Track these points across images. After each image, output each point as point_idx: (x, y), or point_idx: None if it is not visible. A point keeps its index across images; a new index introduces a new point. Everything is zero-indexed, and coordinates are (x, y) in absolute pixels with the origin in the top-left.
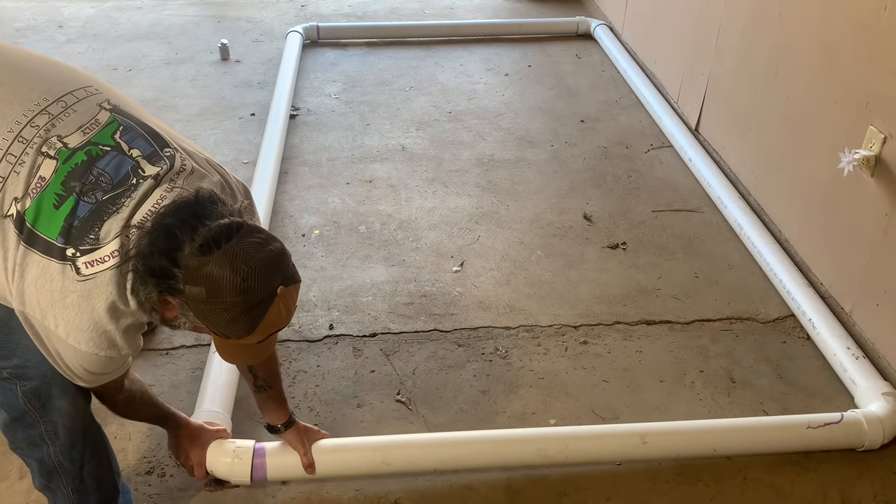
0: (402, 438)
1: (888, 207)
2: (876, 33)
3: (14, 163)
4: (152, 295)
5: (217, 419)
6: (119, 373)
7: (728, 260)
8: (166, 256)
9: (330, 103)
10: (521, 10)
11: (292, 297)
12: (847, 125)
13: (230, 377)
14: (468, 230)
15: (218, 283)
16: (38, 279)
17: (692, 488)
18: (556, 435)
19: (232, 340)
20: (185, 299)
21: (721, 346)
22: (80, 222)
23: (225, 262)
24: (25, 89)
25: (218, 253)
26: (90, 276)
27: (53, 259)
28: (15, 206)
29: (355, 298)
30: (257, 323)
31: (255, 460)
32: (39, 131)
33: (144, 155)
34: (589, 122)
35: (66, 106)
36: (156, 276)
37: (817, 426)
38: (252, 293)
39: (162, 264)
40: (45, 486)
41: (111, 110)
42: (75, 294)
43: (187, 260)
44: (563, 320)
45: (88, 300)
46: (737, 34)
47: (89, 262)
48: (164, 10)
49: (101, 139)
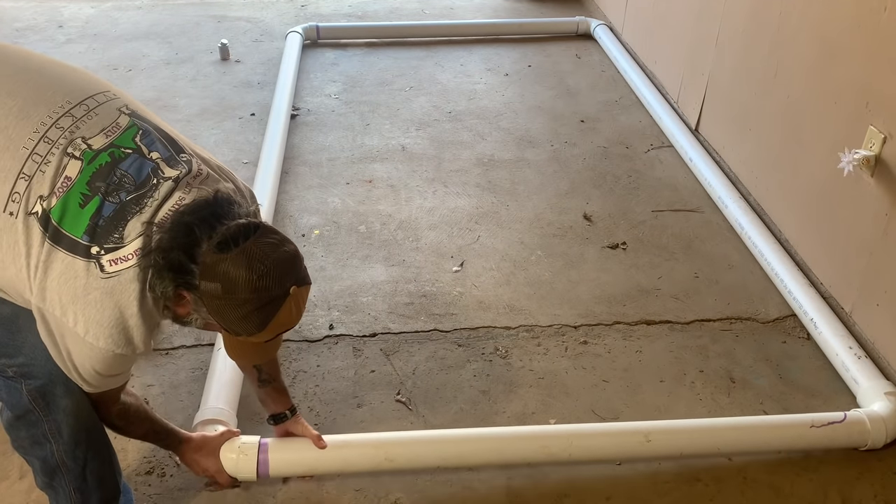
0: (405, 435)
1: (888, 207)
2: (876, 33)
3: (40, 162)
4: (168, 289)
5: (223, 416)
6: (123, 378)
7: (728, 260)
8: (185, 252)
9: (330, 103)
10: (521, 10)
11: (303, 297)
12: (847, 125)
13: (234, 375)
14: (468, 230)
15: (233, 279)
16: (62, 276)
17: (692, 488)
18: (559, 432)
19: (242, 338)
20: (200, 295)
21: (721, 346)
22: (105, 221)
23: (241, 260)
24: (49, 92)
25: (235, 251)
26: (114, 274)
27: (78, 257)
28: (40, 203)
29: (355, 298)
30: (268, 321)
31: (260, 456)
32: (64, 132)
33: (163, 158)
34: (589, 122)
35: (89, 109)
36: (173, 270)
37: (821, 425)
38: (266, 291)
39: (180, 259)
40: (47, 484)
41: (130, 115)
42: (98, 291)
43: (205, 256)
44: (563, 320)
45: (111, 297)
46: (737, 34)
47: (113, 260)
48: (164, 10)
49: (123, 142)
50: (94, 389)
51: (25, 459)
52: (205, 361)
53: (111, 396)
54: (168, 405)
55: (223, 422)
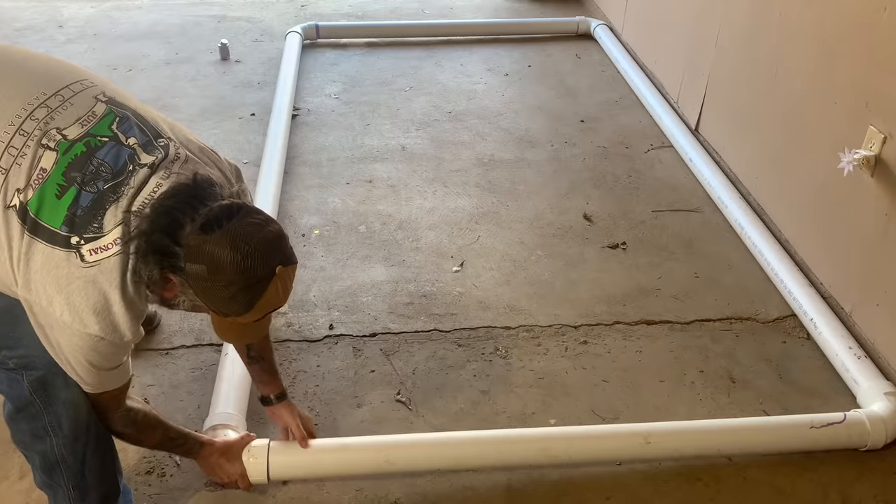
0: (405, 438)
1: (888, 207)
2: (876, 33)
3: (16, 155)
4: (154, 273)
5: (232, 421)
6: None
7: (728, 260)
8: (168, 235)
9: (330, 103)
10: (521, 10)
11: (290, 277)
12: (847, 125)
13: (242, 380)
14: (468, 230)
15: (219, 261)
16: (43, 267)
17: (692, 488)
18: (559, 435)
19: (230, 318)
20: (186, 277)
21: (721, 346)
22: (84, 211)
23: (226, 241)
24: (24, 85)
25: (219, 232)
26: (94, 263)
27: (58, 247)
28: (18, 196)
29: (355, 298)
30: (255, 301)
31: (270, 458)
32: (39, 124)
33: (140, 144)
34: (589, 122)
35: (64, 99)
36: (158, 253)
37: (820, 426)
38: (252, 272)
39: (164, 242)
40: (46, 482)
41: (107, 102)
42: (81, 280)
43: (188, 238)
44: (563, 320)
45: (94, 285)
46: (737, 34)
47: (93, 250)
48: (164, 10)
49: (99, 130)
50: (93, 388)
51: (25, 455)
52: (205, 361)
53: (113, 400)
54: (168, 405)
55: (233, 427)
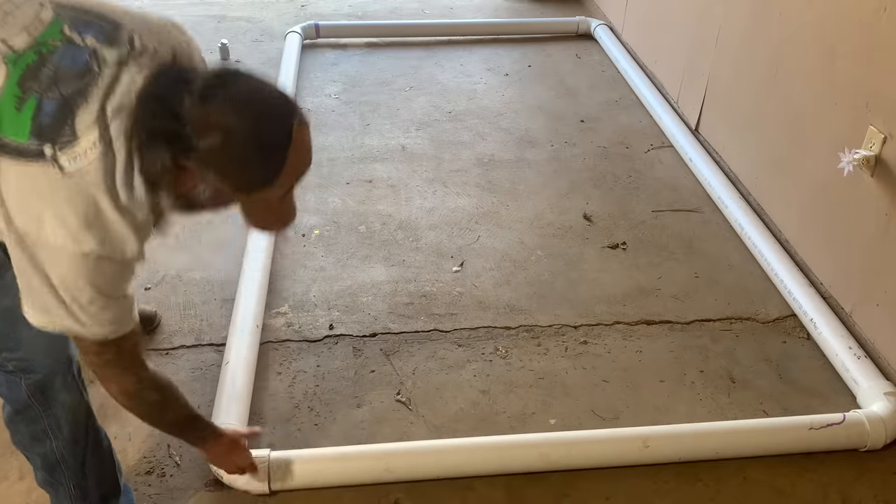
0: (405, 446)
1: (888, 207)
2: (876, 33)
3: None
4: (166, 162)
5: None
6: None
7: (728, 260)
8: (168, 115)
9: (330, 103)
10: (521, 10)
11: (308, 135)
12: (847, 125)
13: (243, 390)
14: (468, 230)
15: (231, 126)
16: (19, 186)
17: (692, 488)
18: (558, 440)
19: (256, 194)
20: (201, 157)
21: (721, 346)
22: (51, 118)
23: (233, 105)
24: None
25: (222, 97)
26: (75, 172)
27: (31, 161)
28: None
29: (355, 298)
30: (282, 163)
31: (271, 469)
32: None
33: (101, 41)
34: (589, 122)
35: (6, 12)
36: (164, 140)
37: (819, 427)
38: (269, 133)
39: (167, 125)
40: (48, 481)
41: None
42: (64, 191)
43: (191, 112)
44: (563, 320)
45: (80, 193)
46: (737, 34)
47: (71, 158)
48: (164, 10)
49: (49, 36)
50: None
51: (26, 456)
52: (205, 361)
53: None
54: None
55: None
